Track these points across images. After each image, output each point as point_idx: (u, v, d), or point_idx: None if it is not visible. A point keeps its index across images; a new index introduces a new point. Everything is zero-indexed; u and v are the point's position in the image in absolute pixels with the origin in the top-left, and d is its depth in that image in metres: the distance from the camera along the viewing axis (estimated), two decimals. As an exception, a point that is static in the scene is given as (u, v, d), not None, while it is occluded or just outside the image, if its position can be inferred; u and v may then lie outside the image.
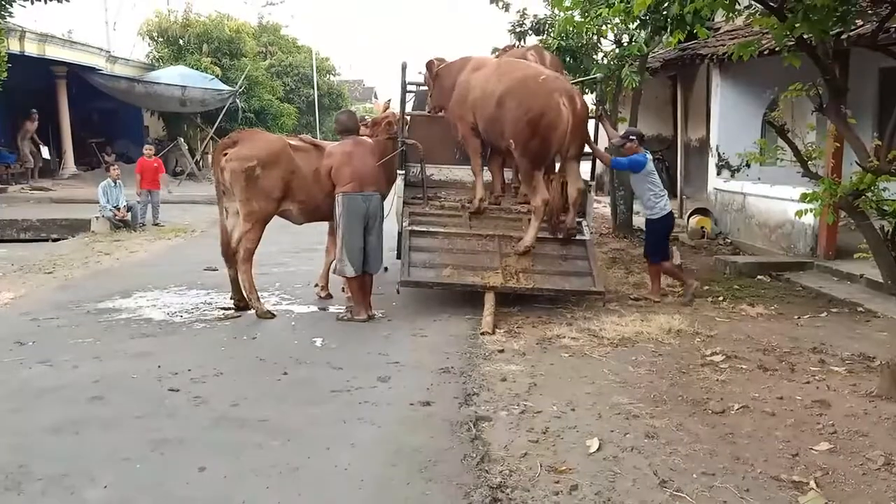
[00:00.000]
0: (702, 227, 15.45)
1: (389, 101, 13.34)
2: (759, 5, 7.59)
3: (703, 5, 7.37)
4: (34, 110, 26.49)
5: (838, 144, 11.02)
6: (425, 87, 11.97)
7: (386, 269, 11.29)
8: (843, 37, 8.01)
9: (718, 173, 15.95)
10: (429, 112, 11.40)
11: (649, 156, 10.37)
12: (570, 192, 10.19)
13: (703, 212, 15.86)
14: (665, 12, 10.16)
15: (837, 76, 7.38)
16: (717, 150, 15.92)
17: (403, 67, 10.90)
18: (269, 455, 5.37)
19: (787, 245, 13.19)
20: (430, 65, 11.21)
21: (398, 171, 10.65)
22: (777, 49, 8.69)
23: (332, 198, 9.34)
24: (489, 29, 65.01)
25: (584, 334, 8.57)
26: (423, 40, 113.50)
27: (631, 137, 10.43)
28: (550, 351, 7.98)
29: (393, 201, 10.70)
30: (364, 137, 9.86)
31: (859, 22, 8.48)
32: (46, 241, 16.68)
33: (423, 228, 10.17)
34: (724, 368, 7.33)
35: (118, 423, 5.96)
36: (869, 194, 6.83)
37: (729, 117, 15.77)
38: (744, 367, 7.40)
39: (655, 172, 10.38)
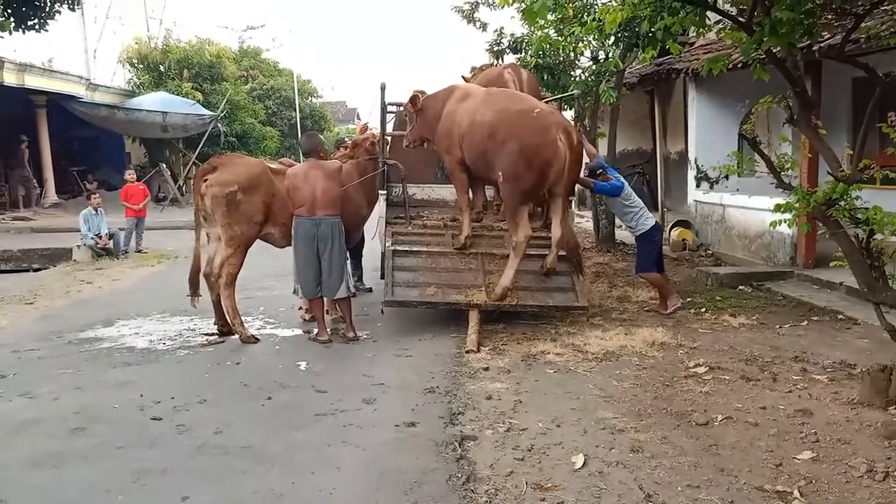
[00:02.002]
0: (683, 240, 15.49)
1: (367, 124, 13.33)
2: (728, 21, 7.66)
3: (673, 22, 7.42)
4: (24, 137, 26.56)
5: (811, 155, 11.06)
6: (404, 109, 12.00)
7: (370, 289, 11.26)
8: (815, 48, 8.09)
9: (698, 185, 15.97)
10: (407, 145, 10.85)
11: (623, 180, 10.48)
12: (555, 231, 9.83)
13: (684, 224, 15.90)
14: (636, 29, 10.22)
15: (808, 88, 7.45)
16: (695, 162, 15.95)
17: (382, 88, 10.90)
18: (254, 482, 5.34)
19: (767, 255, 13.24)
20: (414, 99, 10.48)
21: (380, 192, 10.65)
22: (748, 63, 8.76)
23: None
24: (467, 48, 65.31)
25: (568, 349, 8.57)
26: (403, 61, 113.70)
27: (598, 171, 10.58)
28: (535, 367, 7.98)
29: (377, 222, 10.71)
30: (326, 161, 9.74)
31: (826, 34, 8.56)
32: (27, 271, 16.67)
33: (406, 248, 10.17)
34: (708, 380, 7.36)
35: (100, 455, 5.91)
36: (842, 203, 6.86)
37: (705, 130, 15.86)
38: (727, 377, 7.42)
39: (633, 193, 10.48)
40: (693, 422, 6.24)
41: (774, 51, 7.34)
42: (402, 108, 11.52)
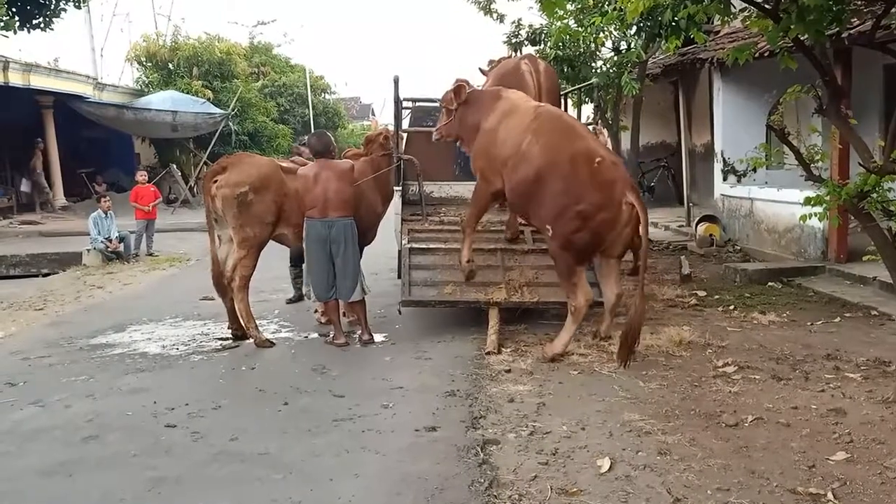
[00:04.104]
0: (710, 235, 15.43)
1: (383, 124, 13.29)
2: (754, 8, 7.64)
3: (697, 11, 7.41)
4: (39, 140, 26.73)
5: (842, 146, 11.02)
6: (423, 104, 11.98)
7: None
8: (843, 35, 8.06)
9: (724, 179, 15.96)
10: (437, 139, 10.11)
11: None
12: (608, 296, 8.88)
13: (710, 219, 15.86)
14: (659, 19, 10.21)
15: (837, 76, 7.42)
16: (721, 155, 15.93)
17: (395, 81, 10.86)
18: (271, 489, 5.36)
19: (797, 250, 13.20)
20: (459, 90, 9.55)
21: (395, 188, 10.65)
22: (775, 51, 8.73)
23: None
24: (484, 41, 65.26)
25: (592, 350, 8.57)
26: (418, 55, 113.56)
27: None
28: (559, 369, 7.97)
29: (394, 219, 10.70)
30: (337, 161, 9.73)
31: (856, 21, 8.53)
32: (36, 276, 16.74)
33: (423, 245, 10.15)
34: (737, 379, 7.34)
35: (113, 463, 5.95)
36: (874, 195, 6.84)
37: (732, 121, 15.79)
38: (757, 377, 7.40)
39: None
40: (722, 423, 6.23)
41: (802, 38, 7.34)
42: (416, 104, 11.45)
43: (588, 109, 15.00)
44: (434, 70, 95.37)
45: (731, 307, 10.40)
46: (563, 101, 12.06)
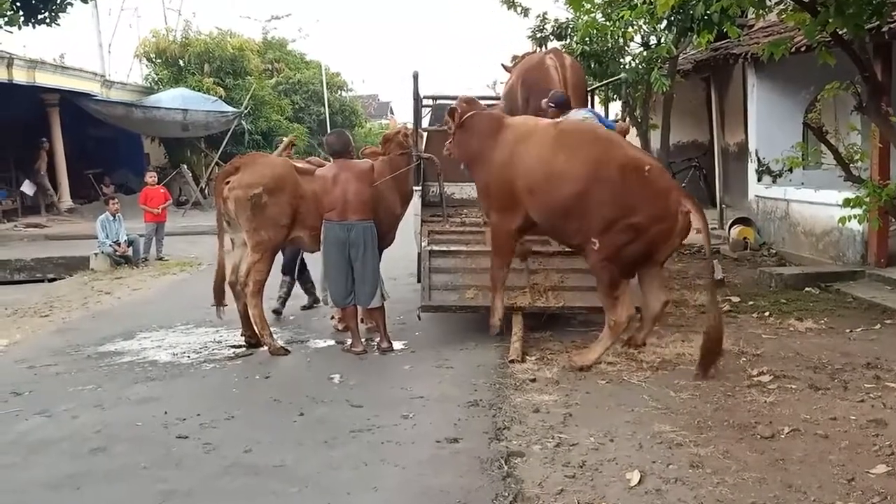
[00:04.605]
0: (744, 238, 15.39)
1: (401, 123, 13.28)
2: (790, 1, 7.63)
3: (730, 4, 7.40)
4: (44, 140, 26.81)
5: (882, 145, 10.97)
6: (443, 101, 11.99)
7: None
8: (884, 29, 8.04)
9: (759, 179, 15.91)
10: (448, 155, 9.86)
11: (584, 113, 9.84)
12: (653, 305, 8.62)
13: (744, 221, 15.80)
14: (691, 12, 10.19)
15: (877, 72, 7.39)
16: (756, 154, 15.87)
17: (415, 77, 10.86)
18: (286, 503, 5.39)
19: (835, 253, 13.14)
20: (452, 113, 9.51)
21: (414, 188, 10.65)
22: (812, 46, 8.70)
23: None
24: (507, 36, 65.18)
25: (621, 358, 8.54)
26: (439, 51, 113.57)
27: (551, 105, 9.77)
28: (586, 378, 7.96)
29: (413, 220, 10.71)
30: (356, 161, 9.71)
31: (896, 14, 8.50)
32: (42, 281, 16.80)
33: (444, 248, 10.15)
34: (773, 389, 7.32)
35: (122, 476, 5.99)
36: (918, 196, 6.82)
37: (767, 119, 15.72)
38: (793, 386, 7.39)
39: None
40: (757, 434, 6.22)
41: (841, 33, 7.31)
42: (437, 102, 11.47)
43: (616, 107, 14.98)
44: (455, 67, 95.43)
45: (767, 313, 10.37)
46: (589, 97, 12.05)
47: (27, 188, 27.42)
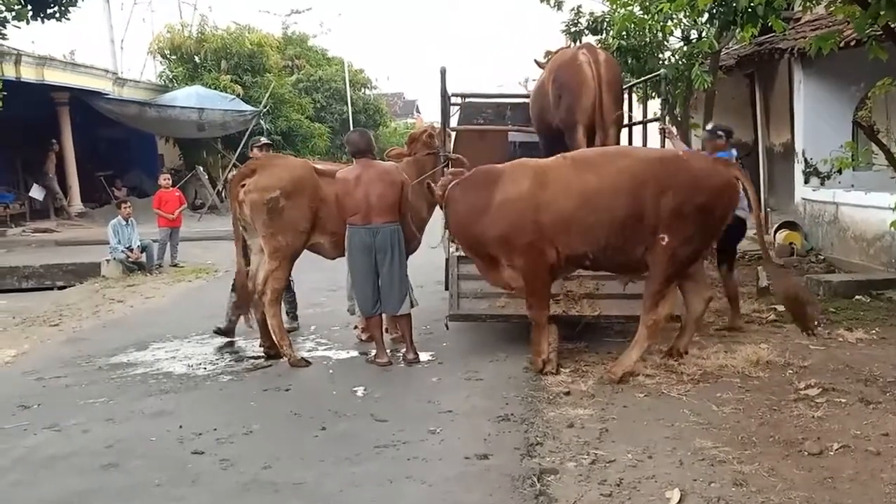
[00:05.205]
0: (790, 244, 15.33)
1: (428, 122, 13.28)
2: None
3: (775, -5, 7.40)
4: (54, 141, 26.98)
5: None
6: (472, 100, 11.99)
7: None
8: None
9: (806, 181, 15.85)
10: None
11: (734, 153, 10.21)
12: (695, 306, 8.82)
13: (791, 226, 15.76)
14: (734, 5, 10.15)
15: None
16: (803, 154, 15.83)
17: (442, 73, 10.82)
18: (308, 521, 5.42)
19: (887, 260, 13.06)
20: (430, 190, 9.32)
21: None
22: (863, 40, 8.67)
23: None
24: (538, 30, 65.17)
25: (660, 370, 8.53)
26: (468, 47, 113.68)
27: (719, 133, 10.23)
28: (623, 391, 7.96)
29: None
30: (380, 161, 9.70)
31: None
32: (51, 289, 16.87)
33: None
34: (821, 403, 7.29)
35: (135, 493, 6.01)
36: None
37: (815, 118, 15.67)
38: (843, 400, 7.35)
39: None
40: (805, 451, 6.20)
41: (893, 26, 7.28)
42: (465, 100, 11.41)
43: (655, 105, 14.94)
44: (486, 63, 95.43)
45: (815, 323, 10.30)
46: (626, 95, 12.02)
47: (36, 193, 27.57)
